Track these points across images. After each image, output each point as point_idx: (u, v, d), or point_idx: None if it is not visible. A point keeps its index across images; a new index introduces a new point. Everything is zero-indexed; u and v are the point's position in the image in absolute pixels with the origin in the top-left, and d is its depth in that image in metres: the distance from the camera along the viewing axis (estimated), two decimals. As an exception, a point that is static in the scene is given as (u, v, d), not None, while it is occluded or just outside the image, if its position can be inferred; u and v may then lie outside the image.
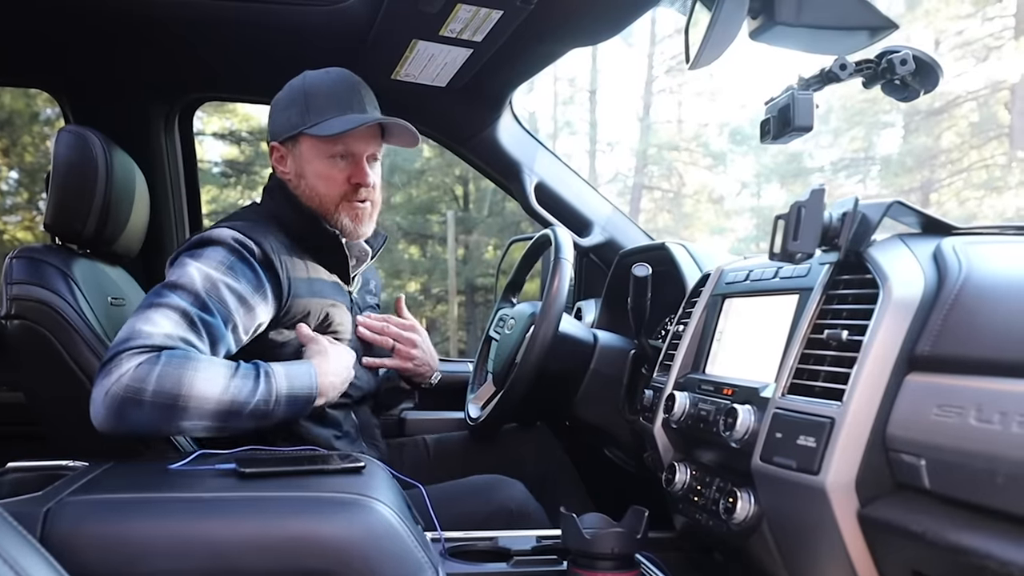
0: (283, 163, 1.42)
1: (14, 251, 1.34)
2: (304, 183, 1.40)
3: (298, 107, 1.37)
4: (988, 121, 10.01)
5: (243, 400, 1.13)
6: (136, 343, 1.10)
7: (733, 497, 0.99)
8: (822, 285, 0.97)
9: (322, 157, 1.37)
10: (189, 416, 1.09)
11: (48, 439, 1.33)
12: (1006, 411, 0.66)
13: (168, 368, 1.08)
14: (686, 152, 13.31)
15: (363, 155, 1.39)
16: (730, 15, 0.98)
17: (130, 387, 1.06)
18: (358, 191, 1.39)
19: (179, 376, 1.08)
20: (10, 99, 8.23)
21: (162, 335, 1.12)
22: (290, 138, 1.39)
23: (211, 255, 1.24)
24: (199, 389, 1.09)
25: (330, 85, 1.38)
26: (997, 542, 0.65)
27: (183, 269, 1.21)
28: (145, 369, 1.07)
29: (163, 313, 1.15)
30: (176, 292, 1.18)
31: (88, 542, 0.80)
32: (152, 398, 1.07)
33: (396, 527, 0.85)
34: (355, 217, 1.41)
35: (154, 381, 1.07)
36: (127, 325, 1.13)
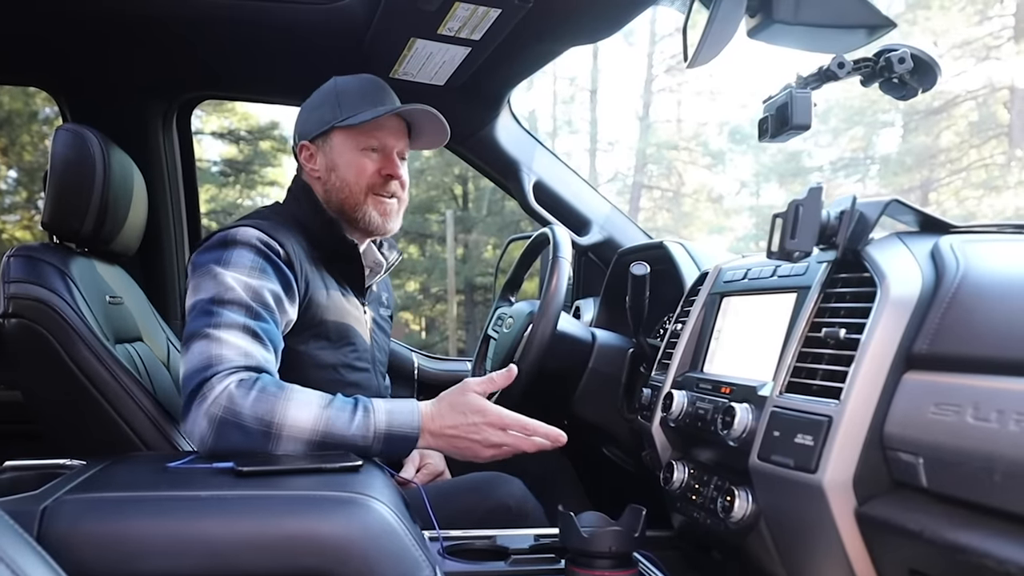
0: (312, 160, 1.44)
1: (12, 249, 1.34)
2: (335, 175, 1.41)
3: (330, 104, 1.41)
4: (987, 120, 10.02)
5: (339, 432, 1.10)
6: (223, 367, 1.10)
7: (731, 495, 0.99)
8: (820, 283, 0.97)
9: (354, 149, 1.40)
10: (283, 444, 1.08)
11: (45, 437, 1.33)
12: (1003, 409, 0.66)
13: (262, 394, 1.08)
14: (685, 151, 13.31)
15: (393, 149, 1.42)
16: (728, 13, 0.98)
17: (229, 408, 1.07)
18: (388, 184, 1.41)
19: (272, 403, 1.08)
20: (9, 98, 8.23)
21: (242, 355, 1.13)
22: (321, 135, 1.42)
23: (239, 260, 1.23)
24: (292, 416, 1.08)
25: (360, 83, 1.43)
26: (994, 540, 0.65)
27: (220, 281, 1.19)
28: (242, 392, 1.08)
29: (228, 332, 1.14)
30: (227, 308, 1.17)
31: (85, 540, 0.80)
32: (248, 422, 1.07)
33: (394, 525, 0.85)
34: (383, 211, 1.42)
35: (249, 405, 1.07)
36: (198, 352, 1.12)
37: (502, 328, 1.73)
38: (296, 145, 1.47)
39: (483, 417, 1.17)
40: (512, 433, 1.17)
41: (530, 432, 1.18)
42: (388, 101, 1.43)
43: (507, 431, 1.17)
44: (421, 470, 1.49)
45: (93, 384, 1.27)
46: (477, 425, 1.16)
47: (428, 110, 1.40)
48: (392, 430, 1.13)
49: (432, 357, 2.22)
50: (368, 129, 1.39)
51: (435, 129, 1.44)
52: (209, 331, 1.14)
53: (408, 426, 1.14)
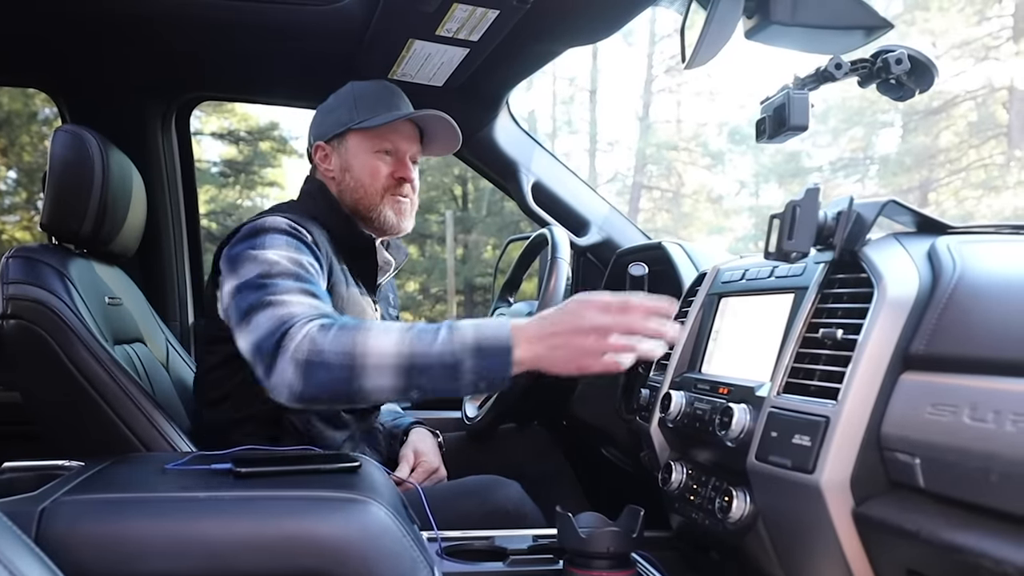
0: (327, 161, 1.47)
1: (10, 250, 1.34)
2: (349, 176, 1.45)
3: (346, 107, 1.45)
4: (986, 120, 10.02)
5: (423, 351, 1.05)
6: (299, 319, 1.11)
7: (729, 496, 0.99)
8: (817, 284, 0.97)
9: (369, 152, 1.44)
10: (369, 375, 1.05)
11: (43, 438, 1.33)
12: (1000, 410, 0.66)
13: (342, 331, 1.08)
14: (685, 152, 13.31)
15: (407, 153, 1.47)
16: (725, 14, 0.98)
17: (311, 350, 1.06)
18: (401, 186, 1.46)
19: (353, 336, 1.07)
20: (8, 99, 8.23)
21: (312, 308, 1.14)
22: (337, 136, 1.46)
23: (274, 242, 1.25)
24: (373, 344, 1.06)
25: (376, 88, 1.47)
26: (991, 540, 0.65)
27: (262, 259, 1.21)
28: (323, 333, 1.07)
29: (289, 296, 1.15)
30: (278, 279, 1.18)
31: (83, 542, 0.80)
32: (332, 359, 1.05)
33: (392, 527, 0.85)
34: (398, 210, 1.46)
35: (330, 342, 1.06)
36: (266, 319, 1.12)
37: (501, 329, 1.73)
38: (311, 146, 1.50)
39: (581, 304, 1.04)
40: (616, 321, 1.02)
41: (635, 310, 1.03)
42: (403, 106, 1.47)
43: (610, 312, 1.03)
44: (416, 468, 1.49)
45: (92, 385, 1.27)
46: (576, 313, 1.04)
47: (441, 116, 1.45)
48: (481, 342, 1.04)
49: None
50: (383, 132, 1.43)
51: (447, 135, 1.49)
52: (269, 298, 1.15)
53: (498, 337, 1.05)
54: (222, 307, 1.28)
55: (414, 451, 1.52)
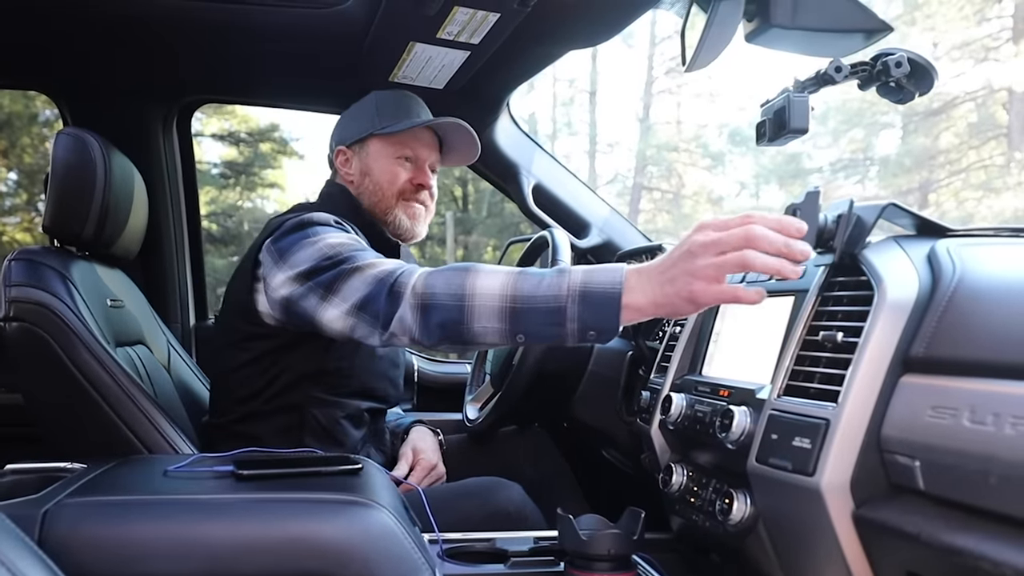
0: (347, 165, 1.51)
1: (13, 253, 1.34)
2: (368, 180, 1.48)
3: (369, 114, 1.49)
4: (986, 122, 10.02)
5: (527, 293, 1.01)
6: (400, 270, 1.13)
7: (729, 498, 0.99)
8: (817, 287, 0.97)
9: (390, 157, 1.48)
10: (477, 316, 1.05)
11: (45, 441, 1.33)
12: (999, 412, 0.66)
13: (452, 271, 1.09)
14: (685, 153, 13.31)
15: (426, 161, 1.51)
16: (726, 18, 0.98)
17: (425, 293, 1.08)
18: (419, 193, 1.49)
19: (463, 276, 1.07)
20: (9, 101, 8.23)
21: (397, 263, 1.16)
22: (358, 141, 1.50)
23: (324, 231, 1.27)
24: (481, 285, 1.05)
25: (398, 97, 1.52)
26: (991, 543, 0.65)
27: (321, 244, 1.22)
28: (433, 276, 1.09)
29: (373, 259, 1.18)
30: (352, 252, 1.20)
31: (86, 544, 0.80)
32: (445, 300, 1.06)
33: (394, 529, 0.85)
34: (412, 216, 1.49)
35: (443, 283, 1.07)
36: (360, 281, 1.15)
37: (502, 331, 1.73)
38: (332, 151, 1.54)
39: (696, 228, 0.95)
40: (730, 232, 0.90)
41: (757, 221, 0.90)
42: (424, 115, 1.52)
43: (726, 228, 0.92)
44: (415, 467, 1.49)
45: (94, 387, 1.28)
46: (689, 239, 0.94)
47: (462, 124, 1.48)
48: (588, 286, 0.98)
49: (431, 359, 2.23)
50: (404, 139, 1.48)
51: (466, 145, 1.52)
52: (354, 265, 1.17)
53: (608, 282, 0.97)
54: (269, 300, 1.29)
55: (413, 449, 1.53)
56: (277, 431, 1.36)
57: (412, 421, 1.64)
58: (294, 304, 1.23)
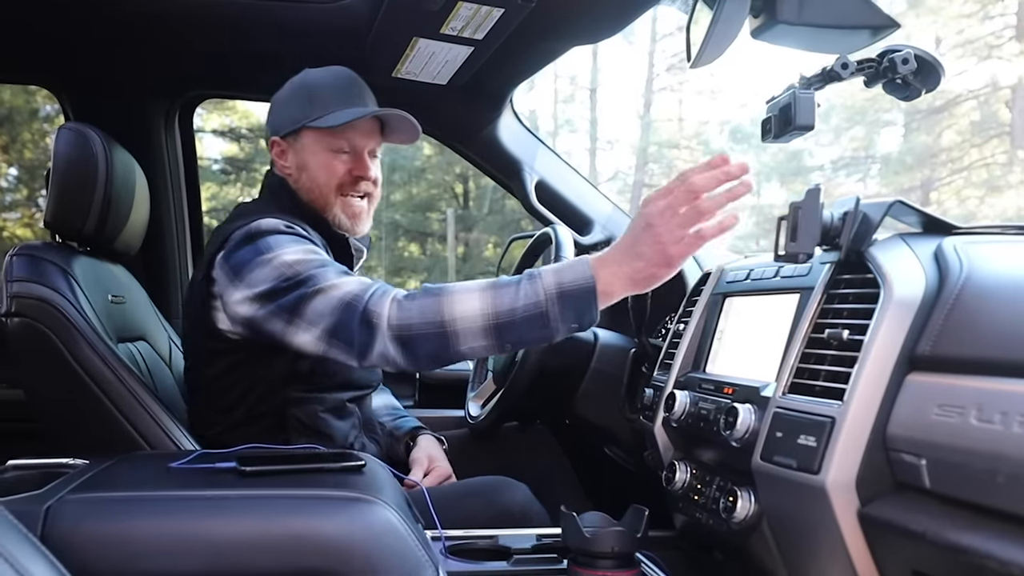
0: (283, 157, 1.43)
1: (14, 248, 1.34)
2: (305, 175, 1.40)
3: (300, 102, 1.39)
4: (989, 119, 10.00)
5: (508, 307, 1.06)
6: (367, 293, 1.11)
7: (733, 496, 0.99)
8: (823, 284, 0.97)
9: (325, 150, 1.39)
10: (464, 339, 1.07)
11: (47, 436, 1.33)
12: (1007, 411, 0.66)
13: (425, 298, 1.09)
14: (686, 150, 13.29)
15: (364, 149, 1.41)
16: (732, 14, 0.98)
17: (403, 324, 1.08)
18: (358, 184, 1.40)
19: (437, 303, 1.08)
20: (9, 95, 8.22)
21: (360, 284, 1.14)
22: (292, 132, 1.40)
23: (279, 242, 1.23)
24: (460, 309, 1.07)
25: (332, 80, 1.40)
26: (997, 542, 0.65)
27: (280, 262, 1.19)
28: (406, 303, 1.09)
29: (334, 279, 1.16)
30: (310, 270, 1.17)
31: (88, 540, 0.80)
32: (424, 330, 1.07)
33: (397, 526, 0.85)
34: (351, 213, 1.41)
35: (417, 313, 1.08)
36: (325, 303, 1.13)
37: (504, 328, 1.73)
38: (268, 139, 1.45)
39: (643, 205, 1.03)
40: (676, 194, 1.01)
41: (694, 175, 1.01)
42: (360, 98, 1.40)
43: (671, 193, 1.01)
44: (429, 474, 1.48)
45: (96, 383, 1.27)
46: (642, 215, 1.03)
47: (399, 114, 1.39)
48: (564, 287, 1.04)
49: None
50: (340, 130, 1.37)
51: (408, 127, 1.42)
52: (315, 287, 1.15)
53: (579, 278, 1.04)
54: (228, 319, 1.27)
55: (428, 456, 1.51)
56: (262, 435, 1.33)
57: (414, 427, 1.61)
58: (259, 325, 1.21)
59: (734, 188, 1.02)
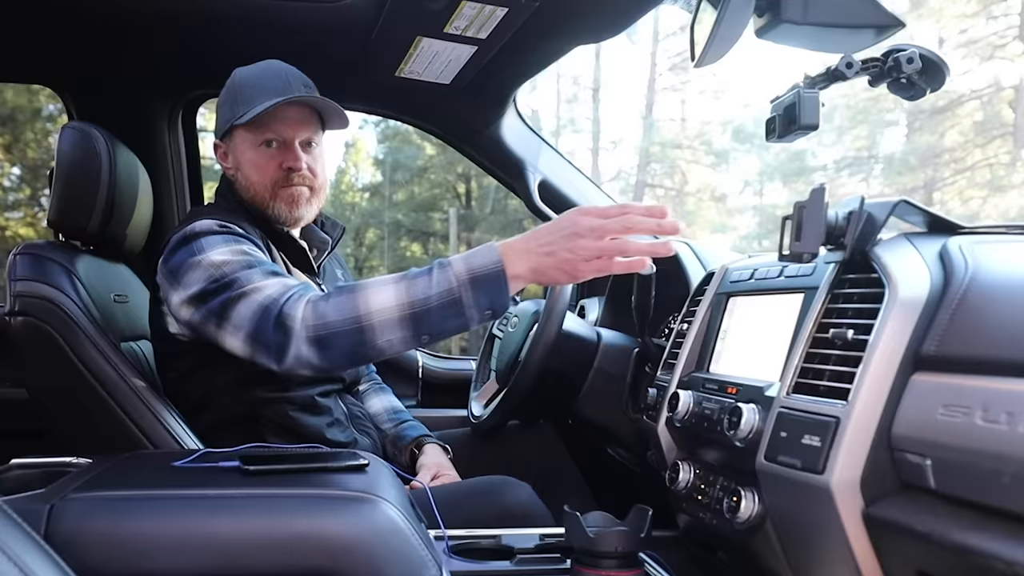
0: (226, 159, 1.44)
1: (18, 247, 1.34)
2: (241, 175, 1.40)
3: (230, 102, 1.38)
4: (992, 120, 9.99)
5: (422, 296, 1.07)
6: (284, 297, 1.11)
7: (737, 496, 0.99)
8: (827, 284, 0.96)
9: (253, 146, 1.37)
10: (379, 332, 1.08)
11: (51, 435, 1.33)
12: (1013, 411, 0.65)
13: (339, 296, 1.09)
14: (689, 150, 13.29)
15: (294, 140, 1.37)
16: (736, 13, 0.97)
17: (317, 324, 1.07)
18: (290, 176, 1.37)
19: (351, 299, 1.08)
20: (12, 95, 8.24)
21: (285, 287, 1.14)
22: (227, 133, 1.40)
23: (210, 242, 1.23)
24: (374, 302, 1.08)
25: (256, 75, 1.38)
26: (1003, 542, 0.64)
27: (209, 263, 1.20)
28: (320, 303, 1.09)
29: (258, 283, 1.15)
30: (236, 273, 1.17)
31: (92, 539, 0.80)
32: (341, 327, 1.07)
33: (400, 525, 0.85)
34: (290, 202, 1.38)
35: (332, 310, 1.08)
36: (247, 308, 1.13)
37: (507, 327, 1.73)
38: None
39: (575, 211, 1.06)
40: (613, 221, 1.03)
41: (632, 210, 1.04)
42: (284, 89, 1.35)
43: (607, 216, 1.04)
44: (436, 480, 1.47)
45: (99, 382, 1.28)
46: (568, 218, 1.05)
47: (317, 100, 1.36)
48: (474, 271, 1.06)
49: (436, 355, 2.23)
50: (264, 122, 1.34)
51: (336, 112, 1.39)
52: (239, 291, 1.15)
53: (489, 262, 1.07)
54: (176, 322, 1.29)
55: (436, 464, 1.50)
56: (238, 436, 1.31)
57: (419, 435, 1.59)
58: (197, 328, 1.23)
59: (655, 245, 1.06)
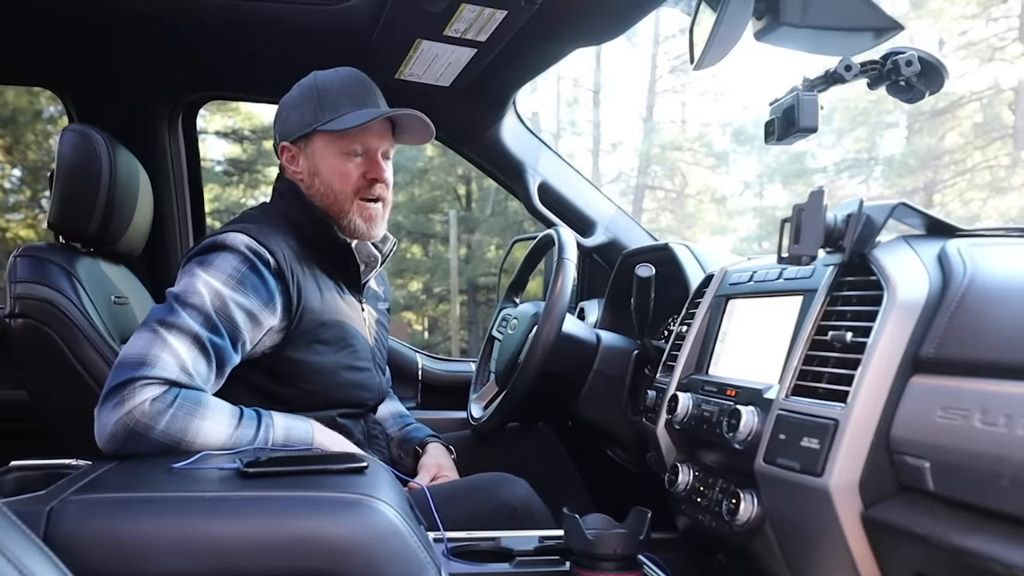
0: (294, 163, 1.41)
1: (18, 249, 1.34)
2: (318, 180, 1.38)
3: (311, 105, 1.36)
4: (992, 122, 10.00)
5: (245, 442, 1.15)
6: (151, 373, 1.10)
7: (736, 498, 0.99)
8: (826, 286, 0.96)
9: (337, 154, 1.36)
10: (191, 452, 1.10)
11: (51, 437, 1.34)
12: (1011, 414, 0.65)
13: (179, 412, 1.10)
14: (689, 152, 13.30)
15: (378, 151, 1.38)
16: (735, 16, 0.97)
17: (140, 423, 1.08)
18: (373, 187, 1.38)
19: (187, 423, 1.10)
20: (13, 96, 8.25)
21: (177, 368, 1.13)
22: (302, 137, 1.38)
23: (222, 265, 1.22)
24: (204, 436, 1.11)
25: (342, 82, 1.38)
26: (1001, 545, 0.64)
27: (193, 281, 1.19)
28: (158, 408, 1.09)
29: (177, 337, 1.14)
30: (187, 310, 1.17)
31: (91, 541, 0.80)
32: (159, 436, 1.08)
33: (399, 527, 0.85)
34: (368, 218, 1.39)
35: (164, 422, 1.08)
36: (140, 343, 1.13)
37: (507, 329, 1.73)
38: (277, 144, 1.44)
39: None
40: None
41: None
42: (371, 99, 1.38)
43: None
44: (436, 480, 1.47)
45: (98, 383, 1.28)
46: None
47: (414, 113, 1.37)
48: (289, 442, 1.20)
49: (436, 358, 2.23)
50: (353, 132, 1.35)
51: (420, 127, 1.41)
52: (160, 328, 1.14)
53: (303, 442, 1.22)
54: None
55: (436, 464, 1.51)
56: None
57: (426, 436, 1.60)
58: None
59: None
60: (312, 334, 1.32)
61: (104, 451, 1.09)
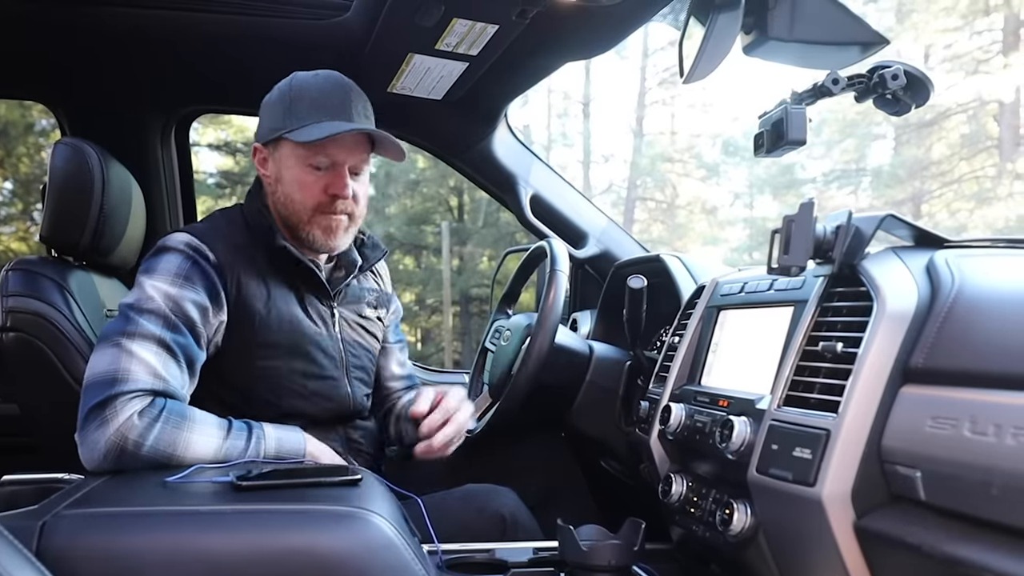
0: (264, 165, 1.36)
1: (10, 263, 1.34)
2: (281, 188, 1.33)
3: (282, 109, 1.31)
4: (978, 133, 10.10)
5: (235, 454, 1.14)
6: (127, 388, 1.10)
7: (729, 508, 0.99)
8: (817, 297, 0.97)
9: (301, 164, 1.30)
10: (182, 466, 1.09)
11: (43, 451, 1.33)
12: (1000, 423, 0.66)
13: (167, 426, 1.09)
14: (679, 163, 13.37)
15: (344, 165, 1.30)
16: (723, 30, 0.99)
17: (130, 439, 1.07)
18: (334, 203, 1.31)
19: (176, 436, 1.09)
20: (5, 110, 8.22)
21: (150, 376, 1.12)
22: (272, 140, 1.33)
23: (166, 267, 1.21)
24: (194, 451, 1.10)
25: (319, 88, 1.31)
26: (992, 554, 0.65)
27: (143, 289, 1.19)
28: (146, 421, 1.08)
29: (140, 345, 1.13)
30: (144, 317, 1.16)
31: (84, 556, 0.80)
32: (149, 452, 1.08)
33: (393, 540, 0.85)
34: (327, 229, 1.33)
35: (153, 436, 1.08)
36: (106, 359, 1.11)
37: (499, 341, 1.73)
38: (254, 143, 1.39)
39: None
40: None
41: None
42: (344, 110, 1.29)
43: None
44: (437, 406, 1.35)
45: (91, 398, 1.27)
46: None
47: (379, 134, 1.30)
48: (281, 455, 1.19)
49: (429, 369, 2.22)
50: (318, 144, 1.27)
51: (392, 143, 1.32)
52: (122, 340, 1.13)
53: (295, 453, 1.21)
54: None
55: (436, 391, 1.39)
56: None
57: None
58: None
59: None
60: (257, 336, 1.28)
61: (92, 470, 1.08)
